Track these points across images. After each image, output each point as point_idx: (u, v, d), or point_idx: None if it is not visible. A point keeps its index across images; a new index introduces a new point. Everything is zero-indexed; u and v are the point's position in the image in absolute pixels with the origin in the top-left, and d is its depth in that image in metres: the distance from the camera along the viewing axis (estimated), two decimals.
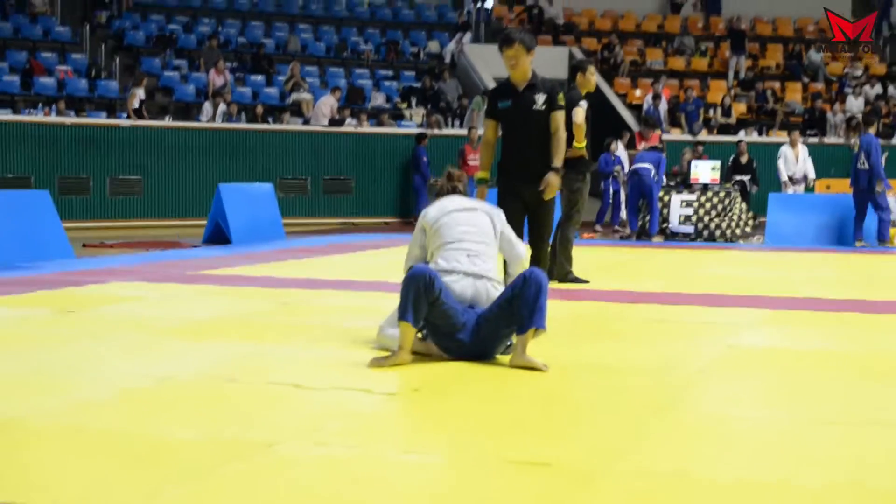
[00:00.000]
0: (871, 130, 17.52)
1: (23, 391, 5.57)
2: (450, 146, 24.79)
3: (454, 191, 7.16)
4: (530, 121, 7.94)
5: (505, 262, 6.98)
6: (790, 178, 21.41)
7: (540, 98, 7.92)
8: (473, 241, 6.72)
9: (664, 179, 18.66)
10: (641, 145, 19.40)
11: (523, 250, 7.00)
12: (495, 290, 6.57)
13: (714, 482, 4.06)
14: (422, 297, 6.21)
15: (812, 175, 21.54)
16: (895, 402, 5.65)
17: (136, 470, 4.12)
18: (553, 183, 7.85)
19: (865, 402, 5.61)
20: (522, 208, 8.17)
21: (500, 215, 6.97)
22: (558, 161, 7.94)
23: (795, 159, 21.48)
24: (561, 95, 8.03)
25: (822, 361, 6.74)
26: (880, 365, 6.70)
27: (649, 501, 3.85)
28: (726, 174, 21.83)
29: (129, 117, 22.72)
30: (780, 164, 21.45)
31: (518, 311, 6.26)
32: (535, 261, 8.14)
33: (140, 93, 23.42)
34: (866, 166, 16.96)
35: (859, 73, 31.48)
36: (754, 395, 5.74)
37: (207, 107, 24.26)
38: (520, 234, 8.18)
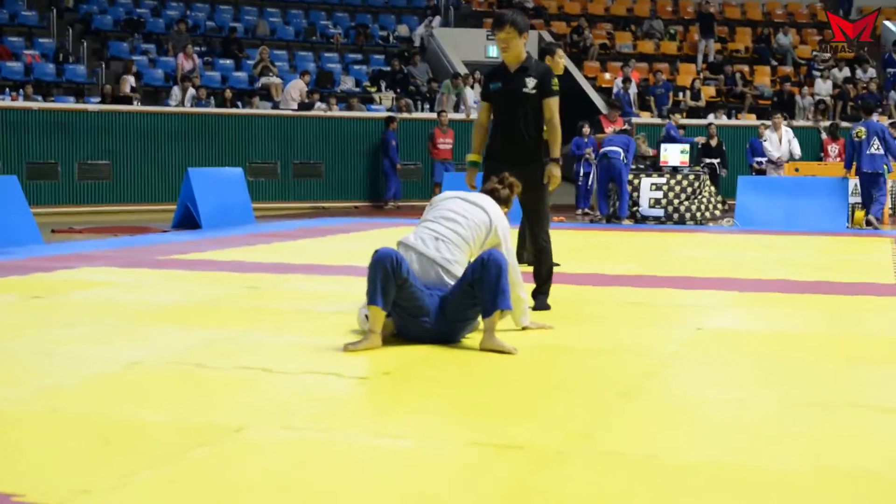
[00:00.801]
0: (873, 117, 18.26)
1: None
2: (419, 130, 24.78)
3: (491, 192, 7.12)
4: (519, 104, 7.86)
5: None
6: (771, 161, 21.75)
7: (530, 82, 7.85)
8: (450, 228, 6.68)
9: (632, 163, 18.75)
10: (609, 129, 19.43)
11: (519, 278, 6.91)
12: (449, 280, 6.54)
13: (684, 464, 4.08)
14: (390, 280, 6.21)
15: (798, 154, 21.89)
16: (865, 383, 5.68)
17: (106, 454, 4.11)
18: (555, 175, 7.81)
19: (835, 383, 5.64)
20: None
21: (504, 228, 6.84)
22: (556, 151, 7.84)
23: (779, 142, 21.79)
24: (555, 81, 7.93)
25: (792, 343, 6.77)
26: (849, 346, 6.74)
27: (621, 483, 3.86)
28: (696, 157, 21.93)
29: (102, 101, 22.57)
30: (767, 145, 21.83)
31: (480, 294, 6.26)
32: (535, 251, 8.13)
33: (131, 79, 23.41)
34: (881, 150, 17.52)
35: (828, 56, 31.58)
36: (725, 377, 5.76)
37: (176, 91, 24.15)
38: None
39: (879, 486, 3.89)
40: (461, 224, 6.70)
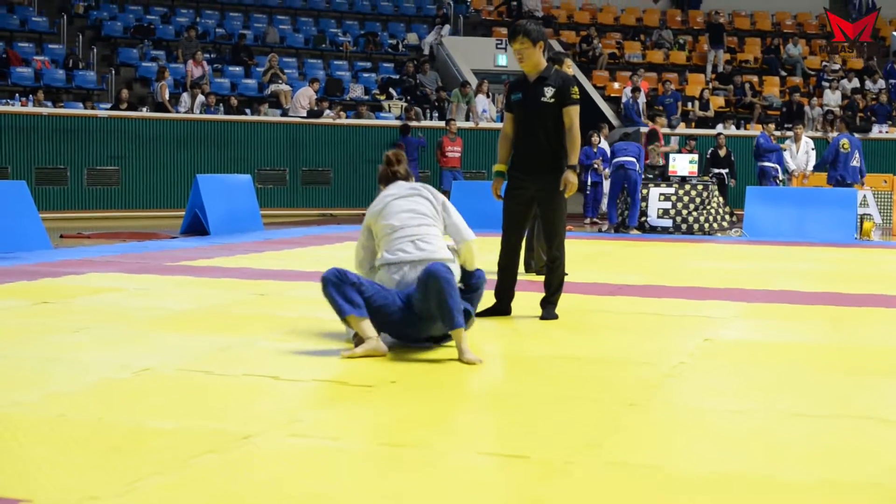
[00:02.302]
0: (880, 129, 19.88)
1: (0, 383, 5.56)
2: (428, 138, 24.78)
3: (395, 176, 7.15)
4: (538, 113, 7.86)
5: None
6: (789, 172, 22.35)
7: (549, 91, 7.84)
8: (416, 225, 6.75)
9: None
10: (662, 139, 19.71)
11: (470, 233, 6.96)
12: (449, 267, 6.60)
13: (691, 475, 4.08)
14: (347, 289, 6.24)
15: (811, 169, 22.17)
16: (872, 394, 5.68)
17: (114, 461, 4.12)
18: (571, 181, 7.81)
19: (840, 394, 5.64)
20: (527, 202, 8.07)
21: (439, 196, 7.00)
22: (573, 159, 7.86)
23: (796, 152, 22.24)
24: (575, 90, 7.91)
25: (800, 355, 6.77)
26: (855, 358, 6.74)
27: (626, 493, 3.86)
28: (704, 167, 21.95)
29: (126, 108, 22.62)
30: (787, 156, 22.17)
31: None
32: (548, 259, 8.13)
33: (166, 85, 23.55)
34: (859, 164, 19.15)
35: (837, 67, 31.59)
36: (731, 388, 5.76)
37: (185, 98, 24.20)
38: (523, 229, 8.16)
39: (885, 497, 3.89)
40: (418, 216, 6.80)
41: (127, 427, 4.63)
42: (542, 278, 8.32)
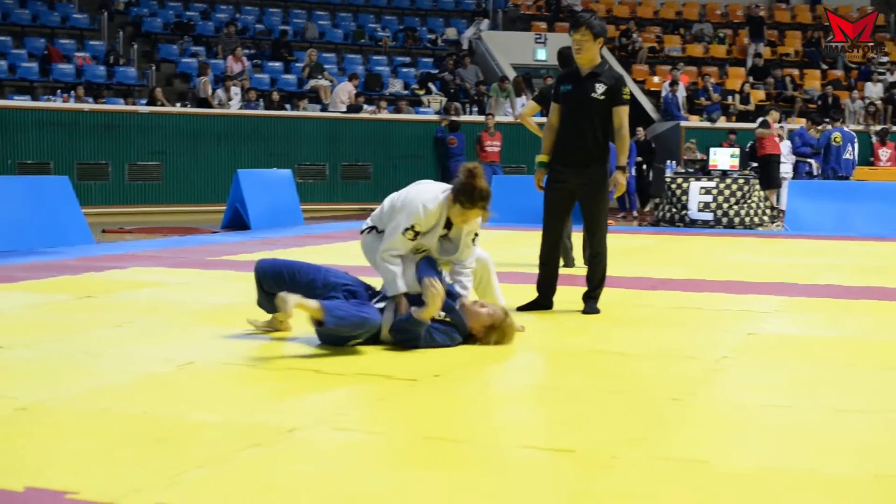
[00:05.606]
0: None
1: (44, 376, 5.59)
2: (468, 133, 24.77)
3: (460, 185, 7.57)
4: (585, 108, 7.83)
5: None
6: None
7: (600, 88, 7.81)
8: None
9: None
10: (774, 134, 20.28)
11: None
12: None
13: (734, 469, 4.05)
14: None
15: None
16: None
17: (158, 454, 4.13)
18: (621, 182, 7.81)
19: (886, 390, 5.59)
20: (568, 196, 8.06)
21: (390, 199, 7.56)
22: (623, 159, 7.85)
23: None
24: (626, 90, 7.88)
25: (843, 349, 6.72)
26: None
27: (671, 487, 3.85)
28: (745, 161, 21.83)
29: (161, 103, 22.75)
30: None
31: None
32: (590, 254, 8.11)
33: (207, 80, 23.68)
34: (853, 157, 19.95)
35: (885, 59, 31.33)
36: (776, 382, 5.72)
37: (220, 93, 24.21)
38: (564, 222, 8.14)
39: None
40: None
41: (171, 420, 4.65)
42: (578, 272, 8.30)
